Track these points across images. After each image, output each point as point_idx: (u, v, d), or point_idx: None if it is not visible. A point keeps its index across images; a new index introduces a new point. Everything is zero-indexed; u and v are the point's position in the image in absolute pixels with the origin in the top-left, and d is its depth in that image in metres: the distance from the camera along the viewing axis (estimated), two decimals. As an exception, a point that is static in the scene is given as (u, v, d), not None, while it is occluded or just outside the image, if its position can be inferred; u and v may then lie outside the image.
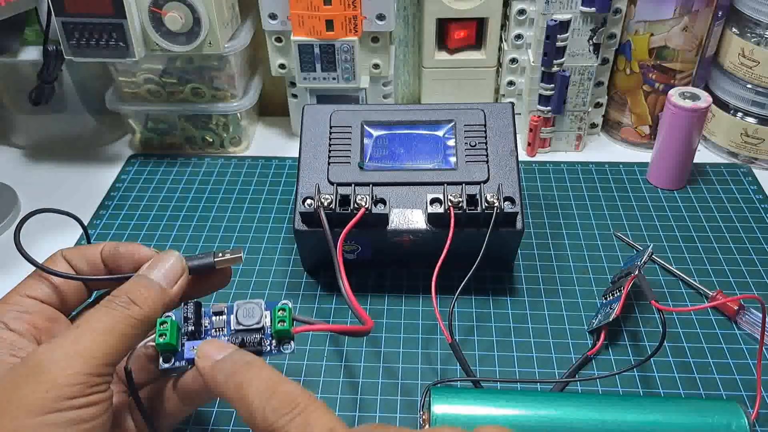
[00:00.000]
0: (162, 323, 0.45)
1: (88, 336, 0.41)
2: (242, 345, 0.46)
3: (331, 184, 0.66)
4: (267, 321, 0.47)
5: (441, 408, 0.52)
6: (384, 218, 0.64)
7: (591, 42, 0.82)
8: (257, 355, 0.44)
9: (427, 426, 0.52)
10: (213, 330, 0.48)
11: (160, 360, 0.46)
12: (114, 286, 0.47)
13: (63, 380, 0.39)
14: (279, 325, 0.46)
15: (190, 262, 0.50)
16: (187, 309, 0.47)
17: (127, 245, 0.50)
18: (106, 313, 0.43)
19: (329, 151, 0.68)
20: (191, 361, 0.46)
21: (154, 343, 0.45)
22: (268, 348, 0.47)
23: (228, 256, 0.51)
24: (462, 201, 0.63)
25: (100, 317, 0.43)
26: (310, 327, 0.48)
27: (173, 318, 0.46)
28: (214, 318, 0.48)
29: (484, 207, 0.63)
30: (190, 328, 0.47)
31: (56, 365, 0.39)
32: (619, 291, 0.63)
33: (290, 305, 0.47)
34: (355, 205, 0.63)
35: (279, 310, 0.47)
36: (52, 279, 0.49)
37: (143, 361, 0.50)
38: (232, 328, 0.47)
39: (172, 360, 0.46)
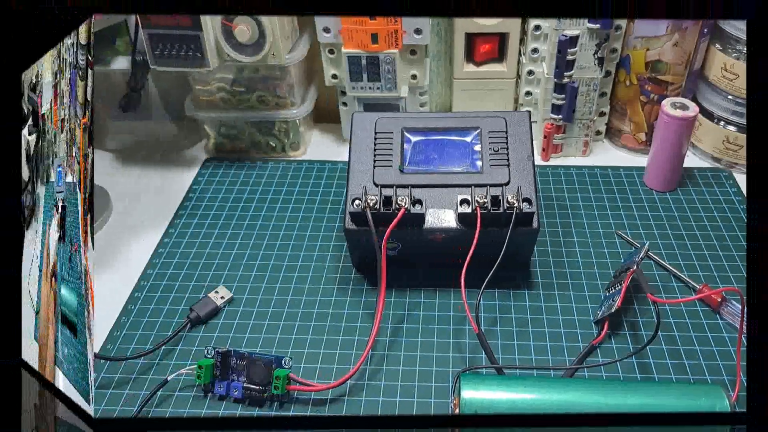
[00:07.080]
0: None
1: None
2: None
3: (376, 185, 0.66)
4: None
5: (469, 393, 0.53)
6: (421, 218, 0.64)
7: (596, 56, 0.81)
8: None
9: (457, 411, 0.53)
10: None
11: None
12: None
13: None
14: (275, 390, 0.58)
15: None
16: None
17: None
18: None
19: (374, 155, 0.68)
20: None
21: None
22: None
23: None
24: (487, 202, 0.63)
25: None
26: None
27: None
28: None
29: (505, 207, 0.63)
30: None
31: None
32: (620, 285, 0.64)
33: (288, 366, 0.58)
34: (396, 206, 0.63)
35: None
36: None
37: None
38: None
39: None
